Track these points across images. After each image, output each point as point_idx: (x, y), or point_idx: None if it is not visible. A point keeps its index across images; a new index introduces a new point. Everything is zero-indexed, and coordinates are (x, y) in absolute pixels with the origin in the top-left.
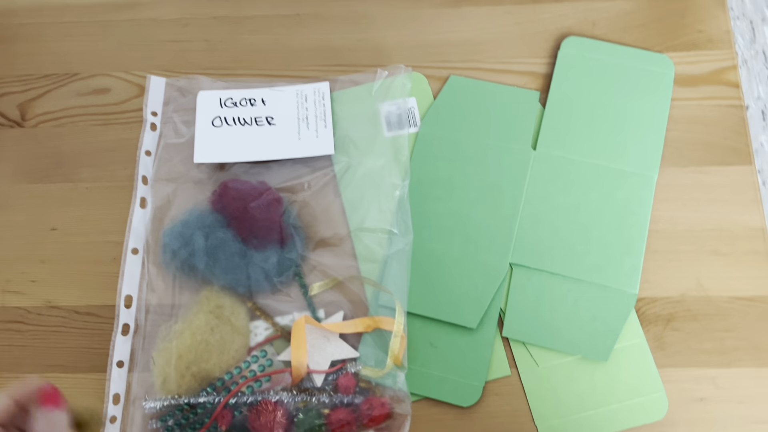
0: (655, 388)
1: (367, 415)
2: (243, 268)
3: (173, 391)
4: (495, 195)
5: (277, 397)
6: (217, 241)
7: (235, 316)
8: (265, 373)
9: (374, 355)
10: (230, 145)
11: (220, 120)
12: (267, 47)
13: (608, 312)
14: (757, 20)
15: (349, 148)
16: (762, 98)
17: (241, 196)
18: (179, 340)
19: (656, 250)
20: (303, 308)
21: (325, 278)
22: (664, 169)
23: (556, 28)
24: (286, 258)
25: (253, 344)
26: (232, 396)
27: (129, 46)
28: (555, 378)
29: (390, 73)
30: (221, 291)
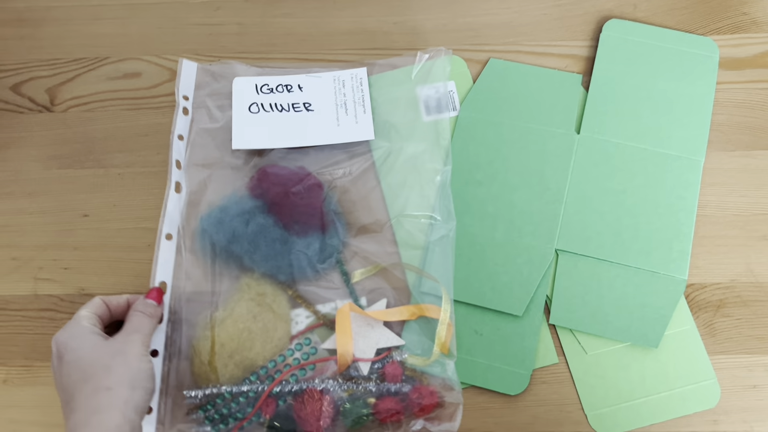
0: (706, 375)
1: (417, 403)
2: (285, 254)
3: (215, 380)
4: (538, 180)
5: (322, 386)
6: (258, 227)
7: (276, 304)
8: (310, 361)
9: (420, 343)
10: (268, 132)
11: (257, 106)
12: (300, 30)
13: (657, 298)
14: None
15: (389, 133)
16: None
17: (281, 181)
18: (221, 328)
19: (704, 235)
20: (345, 296)
21: (366, 265)
22: (710, 153)
23: (597, 11)
24: (327, 244)
25: (294, 332)
26: (277, 384)
27: (159, 29)
28: (604, 365)
29: (431, 56)
30: (262, 278)
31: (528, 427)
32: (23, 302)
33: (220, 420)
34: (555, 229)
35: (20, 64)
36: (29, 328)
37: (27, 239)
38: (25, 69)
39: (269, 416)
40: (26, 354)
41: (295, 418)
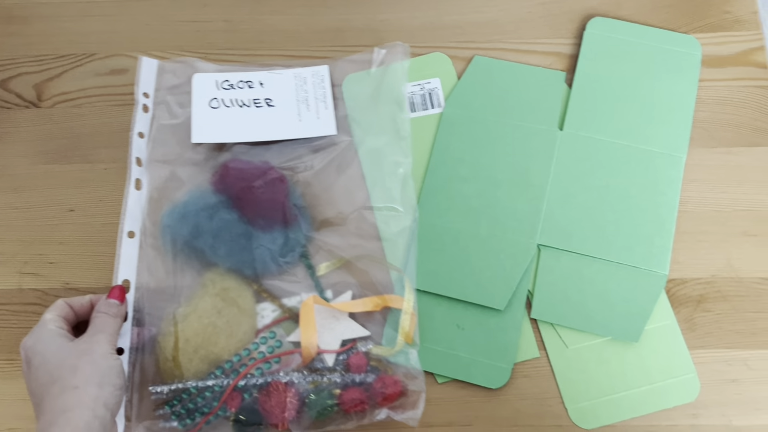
0: (686, 370)
1: (380, 393)
2: (249, 249)
3: (180, 376)
4: (521, 176)
5: (287, 378)
6: (221, 222)
7: (241, 299)
8: (275, 354)
9: (385, 333)
10: (229, 126)
11: (217, 101)
12: (288, 27)
13: (638, 293)
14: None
15: (351, 128)
16: None
17: (244, 176)
18: (185, 324)
19: (685, 231)
20: (310, 289)
21: (331, 258)
22: (692, 150)
23: (581, 9)
24: (291, 239)
25: (260, 327)
26: (242, 378)
27: (147, 26)
28: (585, 360)
29: (388, 52)
30: (226, 273)
31: (509, 420)
32: (8, 296)
33: (186, 415)
34: (537, 225)
35: (8, 60)
36: (13, 322)
37: (12, 234)
38: (13, 65)
39: (235, 410)
40: (10, 348)
41: (260, 410)
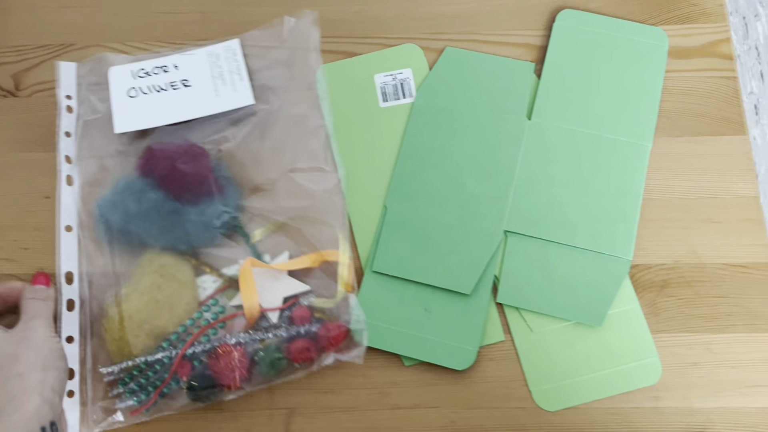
0: (649, 353)
1: (325, 338)
2: (180, 224)
3: (129, 353)
4: (490, 164)
5: (234, 340)
6: (150, 203)
7: (180, 273)
8: (219, 319)
9: (327, 286)
10: (149, 112)
11: (135, 90)
12: (261, 18)
13: (602, 278)
14: (750, 16)
15: (267, 96)
16: (755, 93)
17: (167, 155)
18: (127, 303)
19: (650, 218)
20: (248, 256)
21: (265, 224)
22: (658, 139)
23: (551, 1)
24: (221, 208)
25: (203, 298)
26: (189, 346)
27: (124, 17)
28: (549, 343)
29: (298, 20)
30: (162, 251)
31: (473, 402)
32: None
33: (140, 390)
34: (504, 211)
35: None
36: None
37: None
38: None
39: (186, 378)
40: None
41: (211, 374)
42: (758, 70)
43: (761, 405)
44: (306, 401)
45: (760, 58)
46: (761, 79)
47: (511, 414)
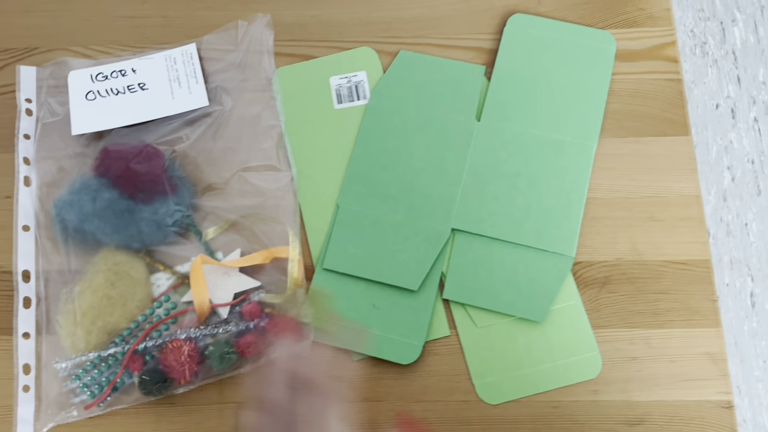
0: (589, 348)
1: (274, 332)
2: (134, 223)
3: (83, 349)
4: (439, 164)
5: (185, 335)
6: (104, 202)
7: (133, 270)
8: (170, 315)
9: (277, 282)
10: (106, 114)
11: (93, 94)
12: (221, 23)
13: (546, 275)
14: (727, 21)
15: (222, 98)
16: (732, 97)
17: (122, 156)
18: (81, 300)
19: (594, 216)
20: (202, 253)
21: (218, 222)
22: (604, 139)
23: (503, 5)
24: (174, 207)
25: (157, 295)
26: (141, 341)
27: (88, 21)
28: (492, 338)
29: (251, 23)
30: (117, 249)
31: (418, 396)
32: None
33: (94, 385)
34: (452, 210)
35: None
36: None
37: None
38: None
39: (138, 372)
40: None
41: (162, 369)
42: (735, 74)
43: (697, 398)
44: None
45: (737, 63)
46: (738, 83)
47: (455, 407)
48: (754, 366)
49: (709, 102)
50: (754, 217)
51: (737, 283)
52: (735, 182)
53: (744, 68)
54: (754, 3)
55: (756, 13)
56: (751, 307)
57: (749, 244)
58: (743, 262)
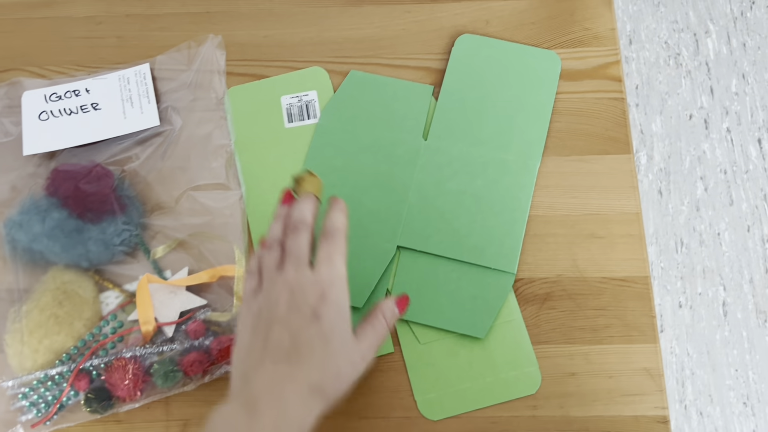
0: (529, 363)
1: (218, 351)
2: (82, 243)
3: (30, 368)
4: (386, 183)
5: (130, 353)
6: (53, 221)
7: (82, 289)
8: (116, 334)
9: (224, 300)
10: (58, 135)
11: (46, 114)
12: (176, 43)
13: (488, 291)
14: (700, 33)
15: (173, 117)
16: (705, 107)
17: (71, 176)
18: (28, 319)
19: (536, 233)
20: (150, 272)
21: (167, 241)
22: (547, 158)
23: (452, 26)
24: (122, 226)
25: (105, 313)
26: (87, 360)
27: (43, 42)
28: (435, 354)
29: (201, 44)
30: (65, 268)
31: (362, 412)
32: None
33: (41, 402)
34: (398, 228)
35: None
36: None
37: None
38: None
39: (83, 391)
40: None
41: (107, 387)
42: (708, 85)
43: (633, 413)
44: (201, 412)
45: (710, 74)
46: (711, 94)
47: (396, 423)
48: (726, 375)
49: (682, 112)
50: (727, 227)
51: (709, 292)
52: (708, 192)
53: (717, 79)
54: (727, 15)
55: (729, 25)
56: (723, 316)
57: (722, 253)
58: (716, 271)
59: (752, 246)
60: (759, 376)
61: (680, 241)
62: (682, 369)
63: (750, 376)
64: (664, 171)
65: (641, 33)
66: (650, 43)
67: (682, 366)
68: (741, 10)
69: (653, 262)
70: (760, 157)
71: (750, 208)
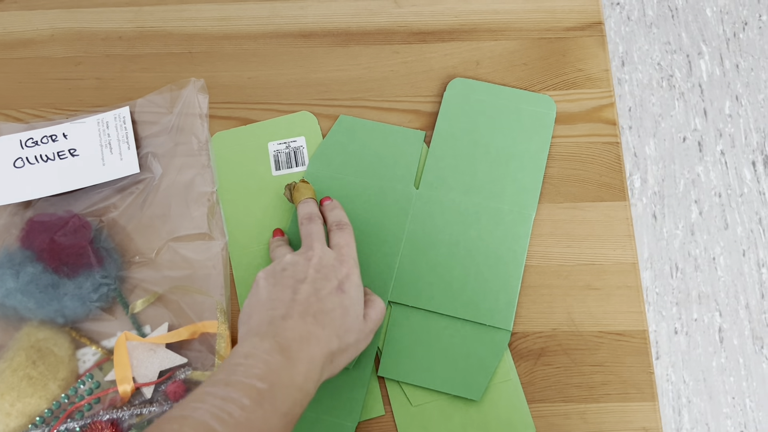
0: (525, 426)
1: None
2: (57, 298)
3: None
4: (377, 234)
5: (108, 416)
6: (28, 276)
7: (57, 347)
8: (92, 396)
9: (204, 358)
10: (33, 183)
11: (21, 161)
12: (157, 84)
13: (482, 349)
14: (693, 54)
15: (152, 164)
16: (698, 130)
17: (47, 228)
18: (0, 380)
19: (530, 285)
20: (129, 328)
21: (146, 294)
22: (540, 205)
23: (442, 67)
24: (100, 281)
25: (82, 371)
26: (61, 423)
27: (20, 84)
28: (428, 416)
29: (183, 88)
30: (41, 324)
31: None
32: None
33: None
34: (389, 282)
35: None
36: None
37: None
38: None
39: None
40: None
41: None
42: (702, 107)
43: None
44: None
45: (704, 96)
46: (704, 116)
47: None
48: (723, 402)
49: (676, 135)
50: (722, 251)
51: (705, 318)
52: (702, 216)
53: (710, 101)
54: (720, 36)
55: (722, 46)
56: (719, 342)
57: (717, 278)
58: (711, 296)
59: (748, 271)
60: (756, 404)
61: (675, 266)
62: (679, 397)
63: (747, 404)
64: (658, 194)
65: (634, 54)
66: (643, 64)
67: (678, 394)
68: (734, 32)
69: (647, 288)
70: (755, 180)
71: (745, 232)
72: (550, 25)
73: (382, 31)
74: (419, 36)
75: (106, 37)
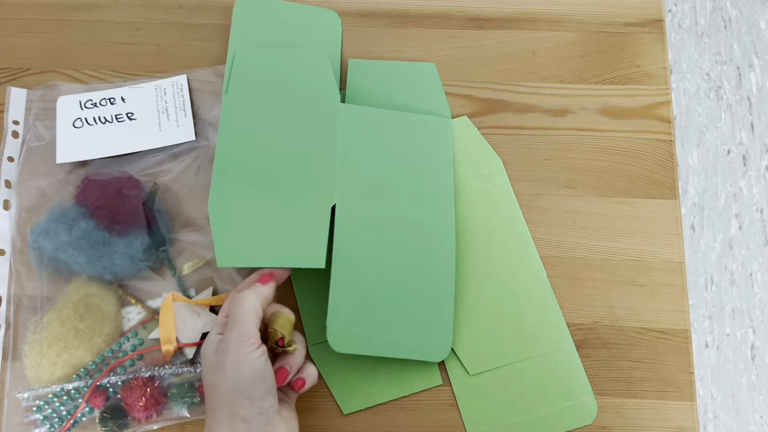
0: (584, 393)
1: None
2: (108, 255)
3: (46, 380)
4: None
5: (149, 373)
6: (80, 232)
7: (104, 303)
8: (136, 352)
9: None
10: (91, 144)
11: (81, 121)
12: (214, 54)
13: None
14: (744, 66)
15: (208, 133)
16: (744, 143)
17: (102, 186)
18: (48, 331)
19: (573, 276)
20: (175, 289)
21: (194, 258)
22: (588, 198)
23: (498, 55)
24: (150, 241)
25: (126, 329)
26: (104, 377)
27: (82, 45)
28: (485, 385)
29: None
30: (89, 280)
31: None
32: None
33: (55, 417)
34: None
35: None
36: None
37: None
38: None
39: (99, 408)
40: None
41: (123, 407)
42: (749, 120)
43: None
44: None
45: (752, 109)
46: (751, 129)
47: None
48: (750, 421)
49: (720, 147)
50: (760, 268)
51: (738, 334)
52: (742, 231)
53: (758, 115)
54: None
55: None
56: (750, 359)
57: (753, 294)
58: (745, 313)
59: None
60: None
61: (710, 279)
62: (705, 411)
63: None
64: (698, 206)
65: (682, 63)
66: (691, 74)
67: (705, 408)
68: None
69: None
70: None
71: None
72: (610, 19)
73: (440, 15)
74: (477, 22)
75: (168, 5)
